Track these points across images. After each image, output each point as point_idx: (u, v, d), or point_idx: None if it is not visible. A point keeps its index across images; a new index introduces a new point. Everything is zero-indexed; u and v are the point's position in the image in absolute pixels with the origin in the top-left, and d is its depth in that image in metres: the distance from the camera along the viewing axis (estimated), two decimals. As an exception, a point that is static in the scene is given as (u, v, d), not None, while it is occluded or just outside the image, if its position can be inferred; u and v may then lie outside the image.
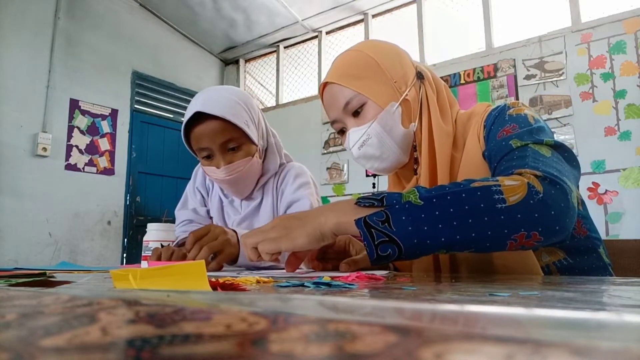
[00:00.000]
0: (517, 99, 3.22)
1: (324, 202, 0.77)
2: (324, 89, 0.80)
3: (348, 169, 3.89)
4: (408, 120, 0.76)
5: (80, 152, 3.60)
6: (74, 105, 3.60)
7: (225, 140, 0.97)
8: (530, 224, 0.52)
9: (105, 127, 3.81)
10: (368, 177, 3.70)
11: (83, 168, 3.61)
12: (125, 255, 3.86)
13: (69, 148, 3.53)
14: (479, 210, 0.51)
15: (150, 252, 0.92)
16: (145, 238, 0.98)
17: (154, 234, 0.98)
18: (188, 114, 0.96)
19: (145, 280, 0.33)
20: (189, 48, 4.63)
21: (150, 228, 0.99)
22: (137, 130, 4.06)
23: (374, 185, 0.92)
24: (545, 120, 0.94)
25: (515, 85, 3.21)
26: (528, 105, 0.74)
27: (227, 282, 0.40)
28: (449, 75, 3.47)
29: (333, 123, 0.81)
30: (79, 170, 3.58)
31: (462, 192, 0.53)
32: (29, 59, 3.35)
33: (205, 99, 0.96)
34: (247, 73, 4.95)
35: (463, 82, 3.43)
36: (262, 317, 0.13)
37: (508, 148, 0.65)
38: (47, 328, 0.13)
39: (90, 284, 0.43)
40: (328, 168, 4.00)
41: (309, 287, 0.40)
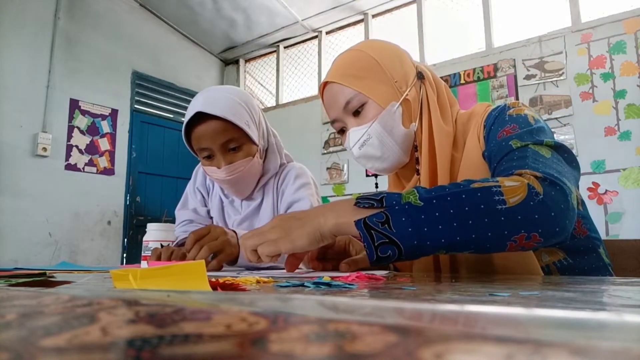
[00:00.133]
0: (517, 99, 3.22)
1: (324, 202, 0.76)
2: (324, 89, 0.80)
3: (348, 169, 3.89)
4: (409, 120, 0.76)
5: (80, 152, 3.60)
6: (74, 105, 3.60)
7: (226, 141, 0.97)
8: (530, 225, 0.52)
9: (105, 127, 3.81)
10: (368, 177, 3.70)
11: (83, 168, 3.61)
12: (125, 255, 3.86)
13: (69, 148, 3.53)
14: (479, 212, 0.51)
15: (150, 252, 0.92)
16: (145, 238, 0.98)
17: (154, 234, 0.98)
18: (189, 114, 0.96)
19: (145, 280, 0.33)
20: (189, 48, 4.63)
21: (150, 228, 0.99)
22: (137, 130, 4.06)
23: (377, 186, 0.92)
24: (545, 120, 0.94)
25: (515, 85, 3.21)
26: (528, 106, 0.74)
27: (227, 282, 0.40)
28: (449, 75, 3.47)
29: (333, 122, 0.81)
30: (79, 170, 3.58)
31: (462, 192, 0.53)
32: (29, 59, 3.35)
33: (206, 99, 0.96)
34: (247, 73, 4.95)
35: (463, 82, 3.43)
36: (262, 317, 0.13)
37: (508, 148, 0.65)
38: (47, 328, 0.13)
39: (90, 284, 0.43)
40: (328, 168, 4.01)
41: (309, 287, 0.40)
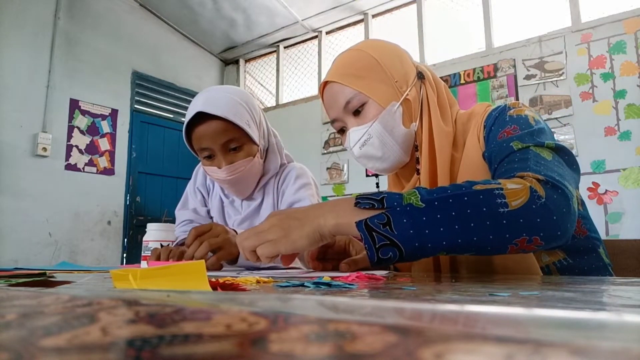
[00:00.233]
0: (517, 99, 3.22)
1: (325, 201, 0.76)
2: (325, 88, 0.80)
3: (348, 169, 3.89)
4: (409, 120, 0.76)
5: (80, 152, 3.60)
6: (74, 105, 3.60)
7: (227, 141, 0.97)
8: (532, 229, 0.52)
9: (105, 127, 3.81)
10: (368, 177, 3.70)
11: (83, 168, 3.61)
12: (125, 255, 3.86)
13: (69, 148, 3.53)
14: (481, 214, 0.51)
15: (150, 252, 0.92)
16: (145, 238, 0.98)
17: (154, 234, 0.98)
18: (189, 114, 0.96)
19: (145, 280, 0.33)
20: (189, 48, 4.63)
21: (150, 228, 0.99)
22: (137, 130, 4.06)
23: (377, 185, 0.91)
24: (545, 120, 0.93)
25: (515, 85, 3.21)
26: (528, 106, 0.73)
27: (227, 282, 0.40)
28: (449, 75, 3.47)
29: (333, 122, 0.80)
30: (79, 170, 3.58)
31: (464, 195, 0.52)
32: (29, 59, 3.35)
33: (207, 99, 0.96)
34: (247, 73, 4.95)
35: (463, 82, 3.43)
36: (262, 317, 0.13)
37: (509, 150, 0.64)
38: (47, 328, 0.13)
39: (90, 284, 0.43)
40: (328, 168, 4.00)
41: (309, 287, 0.40)
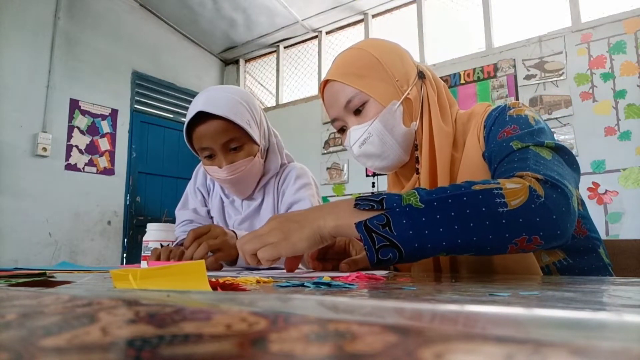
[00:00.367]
0: (517, 99, 3.22)
1: (324, 202, 0.76)
2: (325, 87, 0.79)
3: (348, 169, 3.89)
4: (409, 119, 0.76)
5: (80, 152, 3.60)
6: (74, 105, 3.60)
7: (227, 140, 0.97)
8: (532, 228, 0.52)
9: (105, 127, 3.81)
10: (368, 177, 3.70)
11: (83, 168, 3.61)
12: (125, 255, 3.86)
13: (69, 148, 3.53)
14: (481, 214, 0.51)
15: (150, 252, 0.92)
16: (145, 238, 0.98)
17: (154, 234, 0.98)
18: (190, 114, 0.96)
19: (145, 280, 0.33)
20: (189, 48, 4.63)
21: (150, 228, 0.99)
22: (137, 130, 4.06)
23: (374, 185, 0.92)
24: (545, 120, 0.93)
25: (515, 85, 3.21)
26: (528, 106, 0.73)
27: (227, 282, 0.40)
28: (449, 75, 3.47)
29: (334, 121, 0.80)
30: (79, 170, 3.58)
31: (463, 195, 0.52)
32: (29, 59, 3.35)
33: (208, 99, 0.96)
34: (247, 73, 4.95)
35: (463, 82, 3.43)
36: (262, 317, 0.13)
37: (509, 150, 0.64)
38: (47, 328, 0.13)
39: (90, 284, 0.43)
40: (328, 168, 4.00)
41: (309, 287, 0.40)
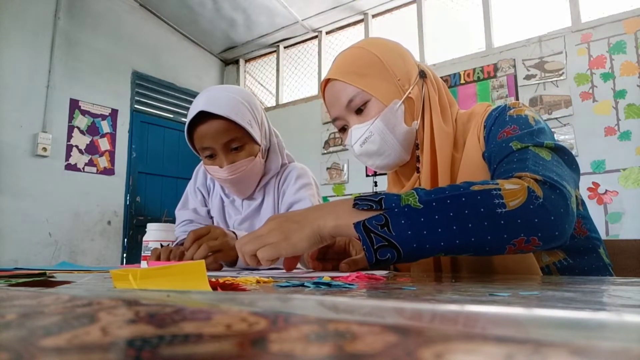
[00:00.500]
0: (517, 99, 3.21)
1: (325, 202, 0.77)
2: (326, 86, 0.79)
3: (348, 169, 3.89)
4: (411, 119, 0.76)
5: (80, 152, 3.60)
6: (74, 105, 3.60)
7: (229, 140, 0.97)
8: (530, 229, 0.52)
9: (105, 127, 3.81)
10: (368, 177, 3.70)
11: (83, 168, 3.61)
12: (125, 255, 3.86)
13: (69, 148, 3.53)
14: (479, 215, 0.51)
15: (150, 252, 0.92)
16: (145, 238, 0.98)
17: (154, 234, 0.98)
18: (191, 113, 0.96)
19: (145, 280, 0.33)
20: (189, 48, 4.63)
21: (150, 228, 0.99)
22: (137, 130, 4.06)
23: (376, 184, 0.92)
24: (545, 120, 0.93)
25: (515, 85, 3.21)
26: (528, 106, 0.73)
27: (227, 282, 0.40)
28: (449, 75, 3.47)
29: (335, 120, 0.80)
30: (79, 170, 3.58)
31: (462, 195, 0.52)
32: (29, 59, 3.35)
33: (209, 98, 0.96)
34: (247, 73, 4.95)
35: (463, 82, 3.43)
36: (262, 317, 0.13)
37: (508, 150, 0.64)
38: (47, 328, 0.13)
39: (90, 284, 0.43)
40: (328, 168, 4.00)
41: (309, 287, 0.40)
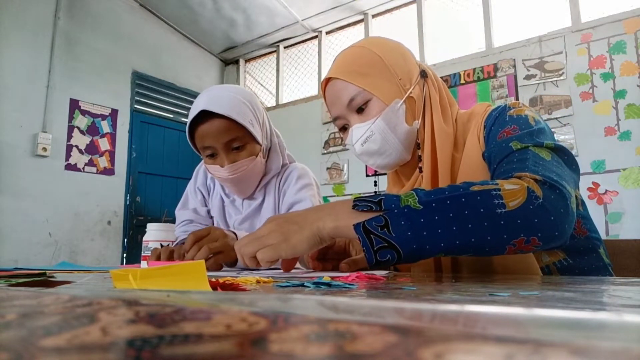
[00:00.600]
0: (517, 99, 3.21)
1: (325, 202, 0.77)
2: (327, 85, 0.79)
3: (348, 169, 3.89)
4: (412, 118, 0.76)
5: (80, 152, 3.60)
6: (74, 105, 3.60)
7: (230, 139, 0.97)
8: (530, 230, 0.52)
9: (105, 127, 3.81)
10: (368, 177, 3.70)
11: (83, 168, 3.61)
12: (125, 255, 3.86)
13: (69, 148, 3.53)
14: (479, 215, 0.51)
15: (150, 252, 0.92)
16: (145, 238, 0.98)
17: (154, 234, 0.98)
18: (193, 112, 0.96)
19: (145, 280, 0.33)
20: (189, 48, 4.63)
21: (150, 228, 0.99)
22: (137, 130, 4.06)
23: (375, 184, 0.92)
24: (545, 120, 0.93)
25: (515, 85, 3.21)
26: (528, 106, 0.73)
27: (227, 282, 0.40)
28: (449, 75, 3.47)
29: (335, 119, 0.80)
30: (79, 170, 3.58)
31: (461, 196, 0.52)
32: (29, 59, 3.35)
33: (211, 98, 0.96)
34: (247, 73, 4.95)
35: (463, 82, 3.43)
36: (262, 317, 0.13)
37: (508, 150, 0.64)
38: (47, 328, 0.13)
39: (90, 284, 0.43)
40: (328, 168, 4.00)
41: (309, 287, 0.40)
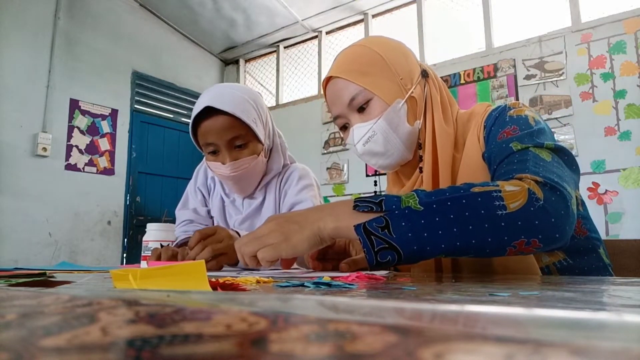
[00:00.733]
0: (517, 99, 3.21)
1: (325, 203, 0.77)
2: (328, 84, 0.79)
3: (348, 169, 3.89)
4: (413, 118, 0.76)
5: (80, 152, 3.60)
6: (74, 105, 3.60)
7: (233, 137, 0.97)
8: (530, 231, 0.52)
9: (105, 127, 3.81)
10: (368, 176, 3.70)
11: (83, 168, 3.60)
12: (125, 255, 3.86)
13: (69, 148, 3.53)
14: (480, 217, 0.51)
15: (150, 252, 0.92)
16: (145, 238, 0.98)
17: (154, 234, 0.98)
18: (197, 109, 0.96)
19: (145, 280, 0.33)
20: (189, 48, 4.63)
21: (150, 228, 0.99)
22: (137, 130, 4.06)
23: (376, 183, 0.92)
24: (545, 120, 0.93)
25: (515, 85, 3.21)
26: (528, 106, 0.73)
27: (227, 282, 0.40)
28: (449, 75, 3.47)
29: (336, 119, 0.80)
30: (79, 170, 3.58)
31: (462, 197, 0.52)
32: (29, 59, 3.35)
33: (215, 95, 0.96)
34: (247, 73, 4.95)
35: (463, 82, 3.43)
36: (262, 317, 0.13)
37: (508, 151, 0.64)
38: (47, 328, 0.13)
39: (90, 284, 0.43)
40: (328, 168, 4.00)
41: (309, 287, 0.40)
